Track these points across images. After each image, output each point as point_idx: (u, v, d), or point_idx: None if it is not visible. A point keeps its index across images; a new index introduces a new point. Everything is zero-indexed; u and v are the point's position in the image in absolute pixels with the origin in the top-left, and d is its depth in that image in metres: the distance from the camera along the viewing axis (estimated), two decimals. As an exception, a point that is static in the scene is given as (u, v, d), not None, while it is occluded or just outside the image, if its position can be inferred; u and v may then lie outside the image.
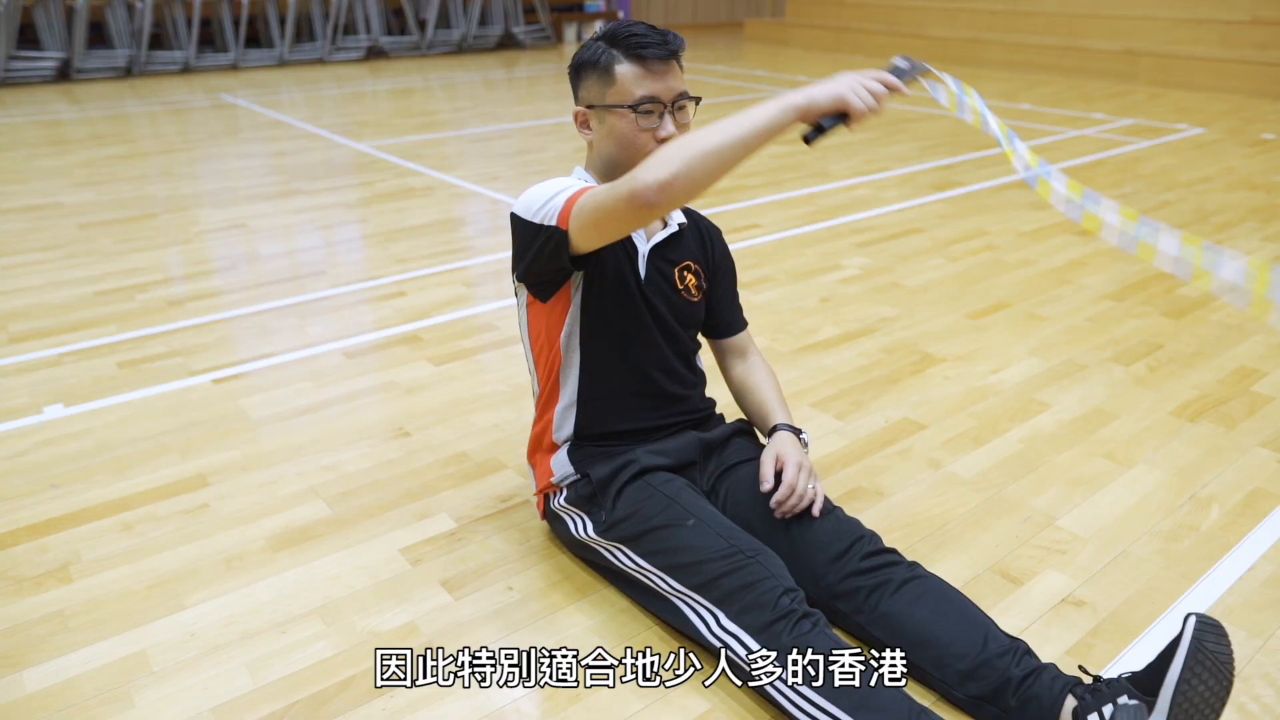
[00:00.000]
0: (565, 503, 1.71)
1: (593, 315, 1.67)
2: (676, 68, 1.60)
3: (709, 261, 1.82)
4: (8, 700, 1.46)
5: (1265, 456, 2.17)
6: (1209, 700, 1.21)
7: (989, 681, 1.34)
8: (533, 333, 1.75)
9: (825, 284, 3.33)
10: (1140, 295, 3.20)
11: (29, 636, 1.61)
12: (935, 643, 1.38)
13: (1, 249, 3.80)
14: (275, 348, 2.82)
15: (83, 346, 2.83)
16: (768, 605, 1.37)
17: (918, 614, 1.42)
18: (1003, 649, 1.36)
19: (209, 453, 2.21)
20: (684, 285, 1.74)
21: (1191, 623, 1.22)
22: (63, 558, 1.82)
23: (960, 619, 1.40)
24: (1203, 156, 5.40)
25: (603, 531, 1.63)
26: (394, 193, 4.71)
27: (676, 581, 1.50)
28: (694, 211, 1.85)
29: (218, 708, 1.45)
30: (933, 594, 1.44)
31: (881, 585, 1.46)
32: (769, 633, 1.36)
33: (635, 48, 1.56)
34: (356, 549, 1.84)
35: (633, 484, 1.61)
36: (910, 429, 2.30)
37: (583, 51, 1.63)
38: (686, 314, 1.75)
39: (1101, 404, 2.43)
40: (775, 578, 1.41)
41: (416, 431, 2.30)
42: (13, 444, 2.26)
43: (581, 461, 1.69)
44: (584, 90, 1.64)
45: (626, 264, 1.67)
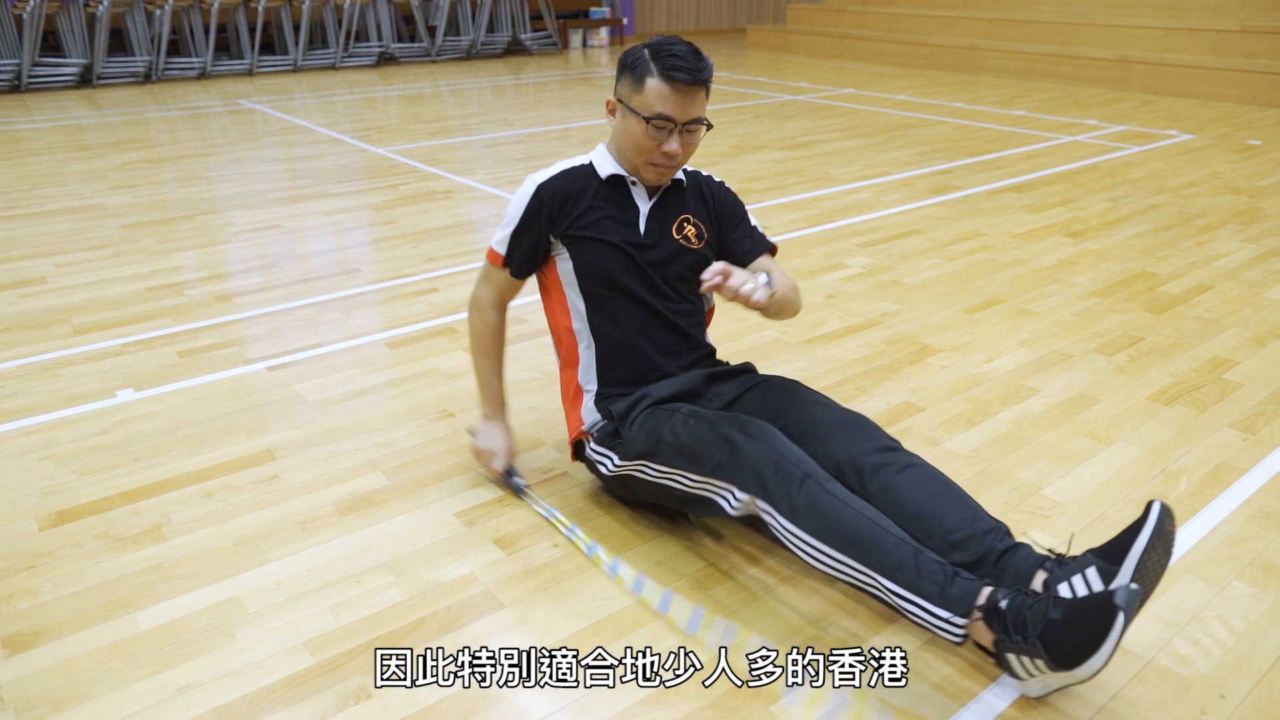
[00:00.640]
0: (595, 446, 1.96)
1: (593, 270, 1.94)
2: (701, 94, 1.84)
3: (711, 213, 2.05)
4: (127, 635, 1.68)
5: (1232, 435, 2.39)
6: (1157, 570, 1.42)
7: (973, 552, 1.54)
8: (546, 297, 2.05)
9: (830, 281, 3.55)
10: (1125, 292, 3.42)
11: (135, 585, 1.83)
12: (930, 516, 1.58)
13: (53, 248, 4.03)
14: (321, 339, 3.04)
15: (143, 337, 3.05)
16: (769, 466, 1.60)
17: (917, 492, 1.62)
18: (988, 528, 1.57)
19: (272, 431, 2.43)
20: (683, 234, 1.98)
21: (1157, 506, 1.43)
22: (154, 520, 2.04)
23: (954, 500, 1.61)
24: (1191, 162, 5.62)
25: (626, 457, 1.86)
26: (418, 195, 4.93)
27: (693, 474, 1.73)
28: (694, 171, 2.09)
29: (309, 642, 1.67)
30: (931, 478, 1.65)
31: (887, 465, 1.66)
32: (777, 494, 1.58)
33: (669, 68, 1.80)
34: (415, 513, 2.06)
35: (645, 412, 1.86)
36: (910, 411, 2.53)
37: (629, 54, 1.88)
38: (688, 259, 1.98)
39: (1085, 390, 2.65)
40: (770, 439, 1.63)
41: (460, 413, 2.52)
42: (93, 424, 2.48)
43: (605, 406, 1.95)
44: (620, 86, 1.89)
45: (630, 218, 1.94)
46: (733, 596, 1.78)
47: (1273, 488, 2.15)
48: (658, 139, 1.84)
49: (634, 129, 1.85)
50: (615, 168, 1.95)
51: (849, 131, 6.71)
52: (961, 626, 1.44)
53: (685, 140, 1.86)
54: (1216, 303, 3.30)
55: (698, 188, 2.06)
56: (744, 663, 1.58)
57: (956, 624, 1.44)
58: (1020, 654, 1.40)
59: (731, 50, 12.77)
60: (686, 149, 1.87)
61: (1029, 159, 5.74)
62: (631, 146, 1.88)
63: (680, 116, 1.82)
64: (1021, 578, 1.50)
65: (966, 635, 1.45)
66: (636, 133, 1.85)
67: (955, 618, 1.44)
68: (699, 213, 2.03)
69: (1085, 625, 1.32)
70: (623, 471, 1.91)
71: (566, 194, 1.95)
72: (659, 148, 1.85)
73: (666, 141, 1.84)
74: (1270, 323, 3.11)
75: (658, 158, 1.86)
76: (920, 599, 1.46)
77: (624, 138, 1.89)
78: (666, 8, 15.04)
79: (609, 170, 1.95)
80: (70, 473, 2.23)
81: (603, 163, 1.97)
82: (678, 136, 1.84)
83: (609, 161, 1.96)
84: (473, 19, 11.76)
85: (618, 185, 1.97)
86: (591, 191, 1.95)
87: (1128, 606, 1.29)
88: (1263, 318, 3.16)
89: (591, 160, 1.99)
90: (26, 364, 2.85)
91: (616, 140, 1.94)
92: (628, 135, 1.88)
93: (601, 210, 1.94)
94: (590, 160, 1.99)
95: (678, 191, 2.02)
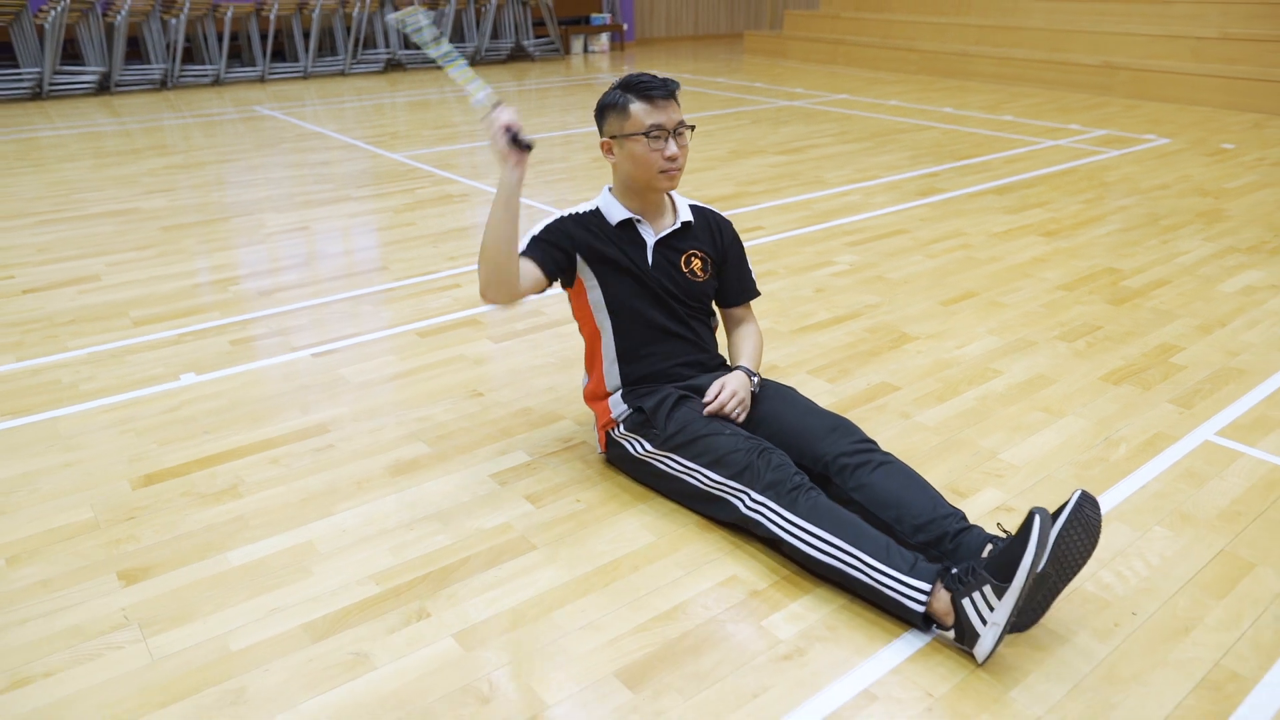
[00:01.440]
0: (625, 430, 2.27)
1: (612, 295, 2.27)
2: (675, 103, 2.18)
3: (718, 249, 2.37)
4: (221, 571, 2.01)
5: (1170, 409, 2.71)
6: (1081, 553, 1.73)
7: (933, 533, 1.87)
8: (575, 308, 2.36)
9: (820, 277, 3.87)
10: (1089, 287, 3.74)
11: (221, 532, 2.15)
12: (899, 504, 1.92)
13: (101, 249, 4.35)
14: (359, 329, 3.36)
15: (196, 329, 3.38)
16: (783, 481, 1.93)
17: (888, 485, 1.96)
18: (946, 513, 1.90)
19: (323, 409, 2.75)
20: (689, 269, 2.31)
21: (1076, 494, 1.74)
22: (230, 481, 2.36)
23: (919, 491, 1.95)
24: (1164, 165, 5.95)
25: (659, 445, 2.18)
26: (435, 199, 5.26)
27: (715, 474, 2.05)
28: (706, 208, 2.41)
29: (375, 575, 1.99)
30: (900, 473, 2.00)
31: (863, 464, 2.01)
32: (787, 498, 1.92)
33: (644, 90, 2.15)
34: (455, 475, 2.38)
35: (678, 408, 2.17)
36: (887, 390, 2.85)
37: (604, 98, 2.21)
38: (693, 290, 2.31)
39: (1044, 371, 2.97)
40: (786, 464, 1.97)
41: (488, 393, 2.84)
42: (164, 402, 2.80)
43: (631, 400, 2.26)
44: (607, 126, 2.22)
45: (636, 254, 2.26)
46: (740, 533, 2.10)
47: (1199, 452, 2.47)
48: (659, 148, 2.16)
49: (635, 149, 2.17)
50: (624, 213, 2.26)
51: (841, 136, 7.03)
52: (926, 592, 1.75)
53: (680, 143, 2.18)
54: (1171, 295, 3.63)
55: (707, 224, 2.38)
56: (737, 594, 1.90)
57: (922, 589, 1.75)
58: (972, 592, 1.70)
59: (729, 56, 13.10)
60: (683, 151, 2.20)
61: (1011, 163, 6.06)
62: (639, 166, 2.18)
63: (668, 123, 2.16)
64: (973, 551, 1.83)
65: (928, 602, 1.75)
66: (639, 151, 2.17)
67: (921, 583, 1.76)
68: (707, 246, 2.34)
69: (1013, 545, 1.65)
70: (650, 458, 2.22)
71: (585, 230, 2.26)
72: (662, 155, 2.17)
73: (666, 147, 2.17)
74: (1218, 313, 3.44)
75: (663, 164, 2.17)
76: (894, 571, 1.79)
77: (629, 163, 2.19)
78: (665, 14, 15.37)
79: (618, 216, 2.26)
80: (151, 443, 2.55)
81: (611, 210, 2.28)
82: (672, 140, 2.17)
83: (615, 207, 2.27)
84: (477, 26, 12.09)
85: (626, 227, 2.28)
86: (605, 234, 2.26)
87: (1042, 515, 1.62)
88: (1211, 309, 3.48)
89: (598, 206, 2.30)
90: (96, 352, 3.17)
91: (621, 173, 2.24)
92: (632, 158, 2.18)
93: (615, 248, 2.25)
94: (597, 206, 2.30)
95: (688, 231, 2.33)
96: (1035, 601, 1.71)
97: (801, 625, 1.83)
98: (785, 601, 1.90)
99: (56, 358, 3.13)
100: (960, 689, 1.67)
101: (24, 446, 2.55)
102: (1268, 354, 3.07)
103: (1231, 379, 2.90)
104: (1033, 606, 1.71)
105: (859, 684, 1.68)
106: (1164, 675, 1.70)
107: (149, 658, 1.75)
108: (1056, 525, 1.69)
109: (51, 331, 3.35)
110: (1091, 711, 1.62)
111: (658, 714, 1.62)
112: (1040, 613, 1.74)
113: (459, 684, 1.69)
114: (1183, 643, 1.78)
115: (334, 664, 1.73)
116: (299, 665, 1.73)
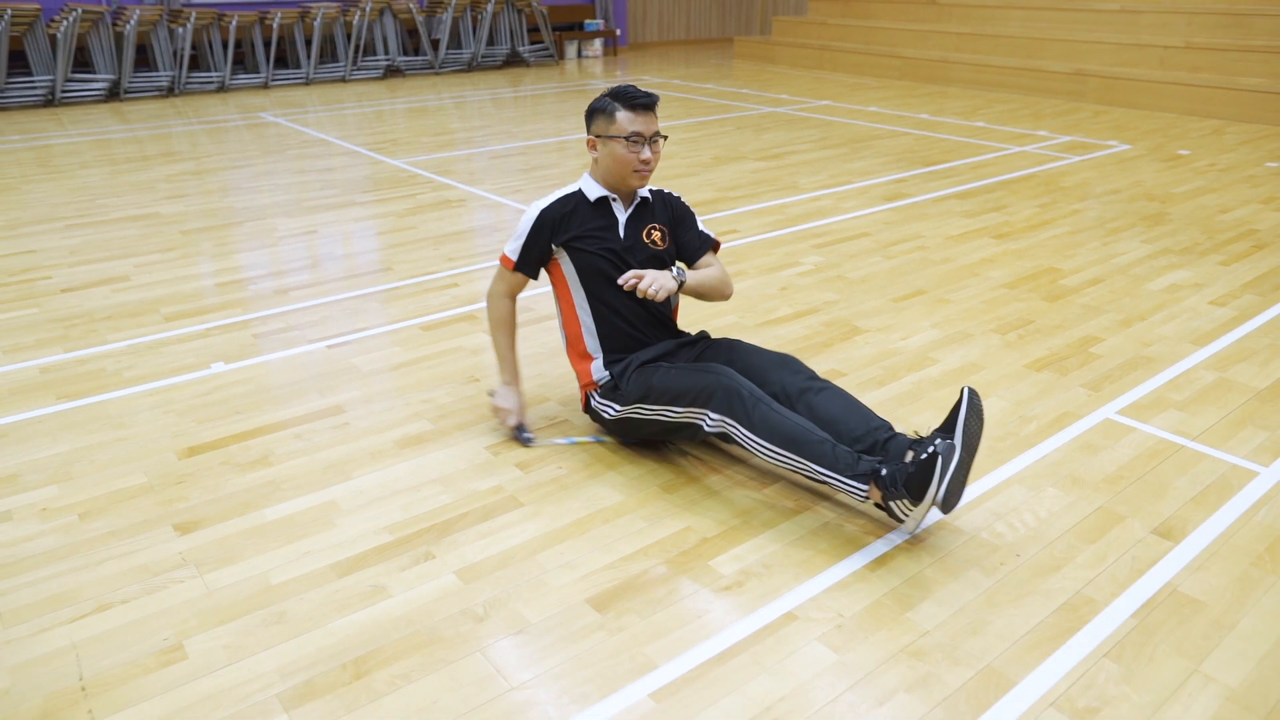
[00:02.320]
0: (600, 399, 2.67)
1: (589, 269, 2.68)
2: (654, 115, 2.62)
3: (671, 220, 2.80)
4: (259, 524, 2.39)
5: (1081, 393, 3.10)
6: (977, 434, 2.19)
7: (867, 442, 2.32)
8: (554, 280, 2.77)
9: (785, 277, 4.26)
10: (1029, 285, 4.13)
11: (257, 494, 2.53)
12: (840, 421, 2.37)
13: (127, 251, 4.73)
14: (367, 324, 3.75)
15: (221, 323, 3.76)
16: (733, 392, 2.36)
17: (831, 406, 2.42)
18: (876, 425, 2.36)
19: (338, 393, 3.14)
20: (651, 239, 2.73)
21: (967, 390, 2.20)
22: (261, 453, 2.74)
23: (855, 410, 2.41)
24: (1120, 171, 6.34)
25: (624, 403, 2.59)
26: (434, 204, 5.64)
27: (678, 406, 2.47)
28: (659, 190, 2.84)
29: (388, 526, 2.37)
30: (840, 397, 2.45)
31: (809, 389, 2.46)
32: (742, 413, 2.34)
33: (630, 100, 2.58)
34: (455, 447, 2.77)
35: (635, 370, 2.59)
36: (836, 375, 3.23)
37: (595, 102, 2.64)
38: (659, 257, 2.73)
39: (976, 360, 3.36)
40: (735, 378, 2.39)
41: (484, 379, 3.23)
42: (198, 388, 3.18)
43: (611, 367, 2.67)
44: (595, 126, 2.64)
45: (610, 227, 2.68)
46: (696, 494, 2.49)
47: (1099, 428, 2.86)
48: (636, 151, 2.59)
49: (617, 150, 2.59)
50: (600, 191, 2.69)
51: (820, 143, 7.42)
52: (864, 489, 2.22)
53: (654, 149, 2.60)
54: (1102, 293, 4.02)
55: (663, 201, 2.81)
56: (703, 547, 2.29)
57: (861, 487, 2.23)
58: (897, 499, 2.18)
59: (719, 61, 13.48)
60: (656, 156, 2.62)
61: (977, 168, 6.45)
62: (617, 164, 2.61)
63: (647, 131, 2.59)
64: (900, 454, 2.27)
65: (868, 495, 2.22)
66: (619, 152, 2.59)
67: (860, 484, 2.22)
68: (663, 220, 2.76)
69: (925, 471, 2.10)
70: (622, 415, 2.62)
71: (562, 214, 2.68)
72: (638, 158, 2.59)
73: (642, 152, 2.58)
74: (1141, 309, 3.83)
75: (638, 165, 2.61)
76: (837, 474, 2.25)
77: (609, 160, 2.62)
78: (658, 20, 15.76)
79: (595, 194, 2.69)
80: (190, 422, 2.93)
81: (590, 189, 2.70)
82: (648, 146, 2.58)
83: (594, 187, 2.69)
84: (473, 32, 12.48)
85: (601, 204, 2.68)
86: (582, 210, 2.68)
87: (945, 453, 2.07)
88: (1136, 305, 3.87)
89: (580, 187, 2.72)
90: (134, 344, 3.55)
91: (601, 166, 2.67)
92: (612, 157, 2.61)
93: (591, 223, 2.66)
94: (580, 187, 2.72)
95: (646, 207, 2.74)
96: (954, 484, 2.14)
97: (741, 564, 2.22)
98: (729, 547, 2.28)
99: (99, 349, 3.51)
100: (866, 611, 2.06)
101: (80, 425, 2.93)
102: (1177, 345, 3.46)
103: (1140, 366, 3.29)
104: (953, 490, 2.14)
105: (784, 608, 2.07)
106: (1033, 600, 2.09)
107: (206, 589, 2.14)
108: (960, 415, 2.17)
109: (92, 326, 3.73)
110: (971, 626, 2.01)
111: (619, 629, 2.00)
112: (959, 494, 2.17)
113: (459, 608, 2.07)
114: (1053, 577, 2.17)
115: (357, 594, 2.12)
116: (328, 594, 2.12)
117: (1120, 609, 2.06)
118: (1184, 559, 2.23)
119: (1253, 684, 1.85)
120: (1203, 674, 1.88)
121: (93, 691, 1.84)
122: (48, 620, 2.04)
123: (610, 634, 2.00)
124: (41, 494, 2.53)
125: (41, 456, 2.73)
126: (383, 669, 1.90)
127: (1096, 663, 1.91)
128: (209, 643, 1.97)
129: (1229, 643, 1.96)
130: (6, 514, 2.44)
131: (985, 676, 1.88)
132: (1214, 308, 3.81)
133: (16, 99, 9.66)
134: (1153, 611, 2.05)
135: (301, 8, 11.29)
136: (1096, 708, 1.79)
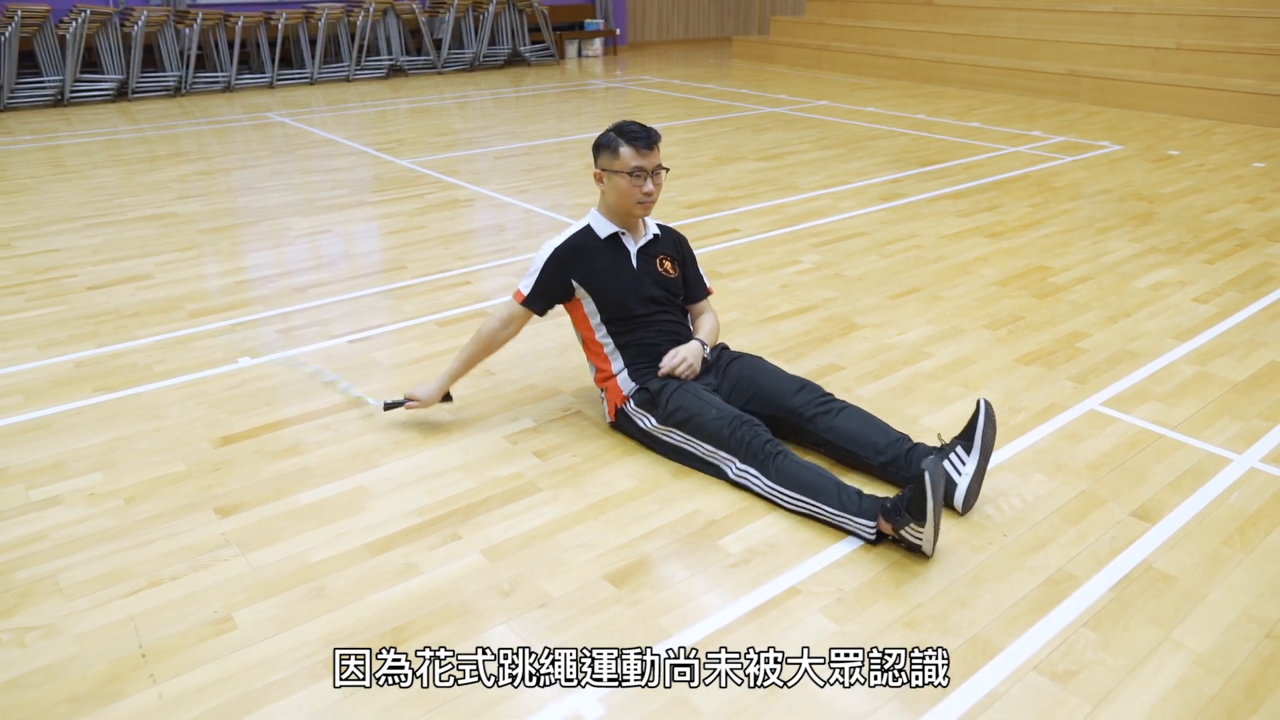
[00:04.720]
0: (635, 407, 2.82)
1: (607, 297, 2.84)
2: (656, 151, 2.78)
3: (680, 255, 2.99)
4: (294, 508, 2.55)
5: (1067, 385, 3.26)
6: (991, 442, 2.40)
7: (890, 454, 2.52)
8: (574, 319, 2.94)
9: (785, 275, 4.42)
10: (1020, 283, 4.29)
11: (290, 480, 2.69)
12: (862, 436, 2.58)
13: (148, 250, 4.88)
14: (385, 320, 3.90)
15: (245, 320, 3.91)
16: (758, 450, 2.52)
17: (850, 425, 2.61)
18: (898, 438, 2.56)
19: (362, 385, 3.29)
20: (663, 268, 2.91)
21: (983, 402, 2.40)
22: (292, 442, 2.90)
23: (875, 426, 2.60)
24: (1110, 171, 6.50)
25: (662, 421, 2.73)
26: (443, 204, 5.79)
27: (708, 445, 2.62)
28: (665, 226, 3.03)
29: (418, 509, 2.53)
30: (858, 415, 2.64)
31: (827, 411, 2.65)
32: (763, 466, 2.51)
33: (632, 139, 2.74)
34: (475, 436, 2.93)
35: (676, 391, 2.72)
36: (833, 369, 3.39)
37: (601, 138, 2.81)
38: (670, 284, 2.91)
39: (968, 354, 3.52)
40: (759, 434, 2.54)
41: (499, 372, 3.39)
42: (228, 380, 3.34)
43: (637, 379, 2.82)
44: (601, 160, 2.82)
45: (623, 260, 2.85)
46: (704, 481, 2.64)
47: (1084, 419, 3.02)
48: (639, 184, 2.76)
49: (620, 183, 2.77)
50: (611, 228, 2.86)
51: (818, 143, 7.58)
52: (871, 524, 2.35)
53: (656, 182, 2.76)
54: (1090, 290, 4.18)
55: (670, 237, 3.01)
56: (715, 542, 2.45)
57: (868, 523, 2.35)
58: (906, 525, 2.28)
59: (719, 61, 13.63)
60: (657, 188, 2.80)
61: (971, 168, 6.61)
62: (622, 196, 2.79)
63: (649, 166, 2.75)
64: (920, 462, 2.44)
65: (877, 530, 2.34)
66: (623, 186, 2.77)
67: (866, 520, 2.35)
68: (672, 252, 2.97)
69: (919, 492, 2.22)
70: (658, 431, 2.77)
71: (575, 251, 2.84)
72: (641, 190, 2.76)
73: (644, 185, 2.76)
74: (1127, 306, 3.99)
75: (640, 197, 2.78)
76: (846, 514, 2.38)
77: (614, 194, 2.80)
78: (657, 20, 15.91)
79: (606, 232, 2.86)
80: (222, 413, 3.09)
81: (600, 226, 2.87)
82: (650, 179, 2.74)
83: (604, 224, 2.87)
84: (475, 32, 12.62)
85: (613, 240, 2.87)
86: (594, 248, 2.85)
87: (933, 472, 2.18)
88: (1122, 302, 4.03)
89: (590, 224, 2.88)
90: (162, 339, 3.71)
91: (608, 200, 2.84)
92: (617, 191, 2.79)
93: (604, 260, 2.84)
94: (589, 223, 2.89)
95: (657, 240, 2.93)
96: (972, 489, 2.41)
97: (748, 544, 2.38)
98: (736, 527, 2.45)
99: (130, 344, 3.66)
100: (865, 585, 2.22)
101: (116, 416, 3.08)
102: (1160, 340, 3.63)
103: (1124, 360, 3.45)
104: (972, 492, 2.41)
105: (787, 583, 2.23)
106: (1018, 576, 2.25)
107: (249, 566, 2.30)
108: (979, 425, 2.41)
109: (121, 323, 3.88)
110: (959, 599, 2.17)
111: (635, 603, 2.17)
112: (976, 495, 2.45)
113: (485, 584, 2.23)
114: (1038, 555, 2.34)
115: (390, 571, 2.28)
116: (364, 572, 2.28)
117: (1099, 583, 2.22)
118: (1160, 538, 2.40)
119: (1218, 650, 2.02)
120: (1173, 641, 2.04)
121: (152, 658, 2.00)
122: (105, 595, 2.20)
123: (627, 606, 2.16)
124: (88, 480, 2.69)
125: (84, 445, 2.89)
126: (418, 637, 2.06)
127: (1076, 631, 2.07)
128: (256, 615, 2.13)
129: (1198, 613, 2.13)
130: (57, 498, 2.60)
131: (973, 644, 2.04)
132: (1197, 304, 3.98)
133: (26, 99, 9.79)
134: (1129, 585, 2.22)
135: (306, 8, 11.43)
136: (1075, 671, 1.96)
